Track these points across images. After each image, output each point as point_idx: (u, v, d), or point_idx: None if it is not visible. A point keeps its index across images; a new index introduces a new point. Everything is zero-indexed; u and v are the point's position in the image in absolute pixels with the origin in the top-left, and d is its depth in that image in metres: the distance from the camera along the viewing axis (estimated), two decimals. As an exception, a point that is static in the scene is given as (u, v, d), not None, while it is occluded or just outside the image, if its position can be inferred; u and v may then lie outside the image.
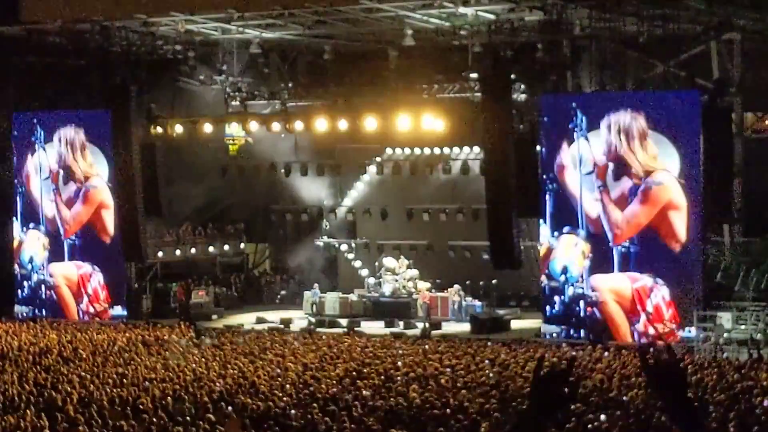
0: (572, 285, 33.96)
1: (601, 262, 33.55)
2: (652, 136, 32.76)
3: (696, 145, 32.45)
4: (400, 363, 27.11)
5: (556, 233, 34.21)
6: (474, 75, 36.75)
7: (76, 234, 40.86)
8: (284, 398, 21.62)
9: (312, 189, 43.47)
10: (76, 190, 40.83)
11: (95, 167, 40.39)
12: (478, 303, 39.49)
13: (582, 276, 33.82)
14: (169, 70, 40.88)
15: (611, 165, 33.33)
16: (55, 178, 41.16)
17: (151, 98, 40.27)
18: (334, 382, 24.11)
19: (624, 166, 33.17)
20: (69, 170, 40.84)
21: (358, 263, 44.09)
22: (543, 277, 34.64)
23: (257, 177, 43.35)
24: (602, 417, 19.21)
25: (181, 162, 41.75)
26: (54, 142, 41.03)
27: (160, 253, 42.50)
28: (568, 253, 34.03)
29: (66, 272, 41.19)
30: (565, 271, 34.10)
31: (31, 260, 41.89)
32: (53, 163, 41.12)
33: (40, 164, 41.43)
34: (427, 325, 37.04)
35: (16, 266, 42.01)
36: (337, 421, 19.01)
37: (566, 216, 34.05)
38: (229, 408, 20.43)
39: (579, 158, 33.77)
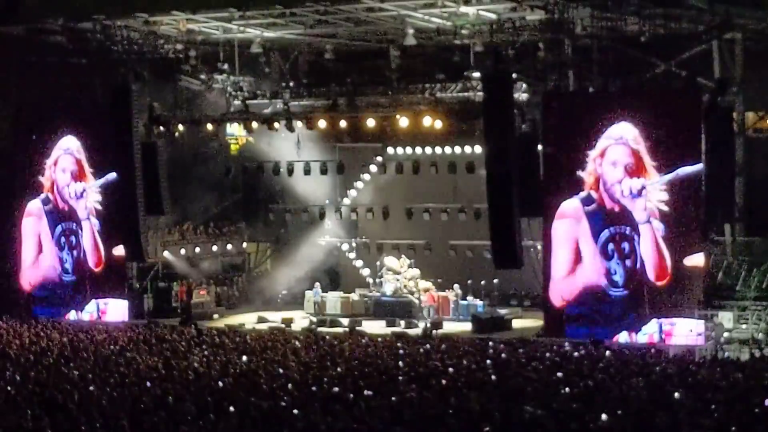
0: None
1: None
2: (651, 137, 32.80)
3: (697, 145, 32.41)
4: (401, 363, 27.10)
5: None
6: (476, 74, 36.72)
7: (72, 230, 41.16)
8: (286, 397, 21.61)
9: (313, 188, 43.43)
10: (71, 189, 40.94)
11: (89, 167, 40.53)
12: (479, 302, 39.49)
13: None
14: (171, 70, 40.86)
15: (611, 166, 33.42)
16: (51, 177, 41.24)
17: (152, 97, 40.25)
18: (336, 381, 24.11)
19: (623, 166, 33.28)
20: (65, 170, 40.90)
21: (359, 263, 44.10)
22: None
23: (258, 176, 43.36)
24: (603, 417, 19.20)
25: (182, 161, 41.73)
26: (52, 141, 41.07)
27: (162, 253, 42.50)
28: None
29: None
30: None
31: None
32: (51, 162, 41.18)
33: (38, 163, 41.47)
34: (428, 324, 37.03)
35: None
36: (339, 420, 19.01)
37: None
38: (231, 408, 20.43)
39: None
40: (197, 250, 44.25)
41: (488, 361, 27.31)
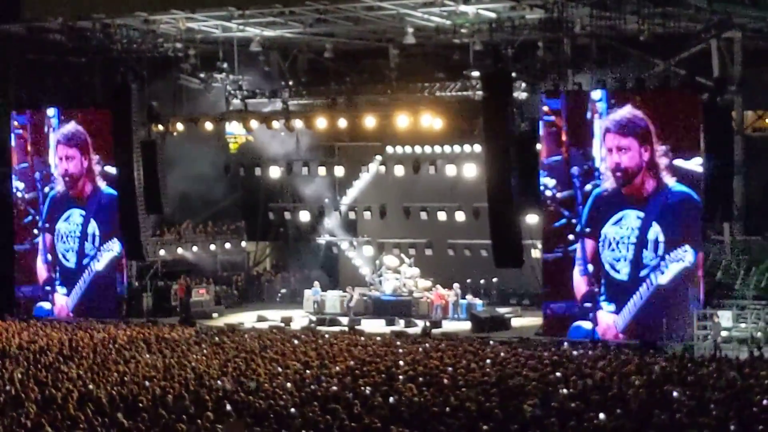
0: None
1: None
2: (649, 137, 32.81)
3: (696, 144, 32.42)
4: (401, 362, 27.10)
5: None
6: (475, 73, 36.75)
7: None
8: (285, 396, 21.62)
9: (312, 187, 43.44)
10: (70, 187, 41.02)
11: (89, 166, 40.53)
12: (478, 301, 39.50)
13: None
14: (170, 68, 40.90)
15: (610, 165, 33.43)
16: (49, 176, 41.29)
17: (152, 96, 40.24)
18: (335, 380, 24.12)
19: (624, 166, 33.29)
20: (66, 170, 40.94)
21: (358, 261, 44.10)
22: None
23: (258, 175, 43.32)
24: (601, 416, 19.21)
25: (182, 160, 41.74)
26: (52, 139, 41.06)
27: (161, 252, 42.50)
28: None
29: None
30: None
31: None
32: (51, 160, 41.19)
33: (38, 162, 41.48)
34: (427, 323, 37.03)
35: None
36: (338, 419, 19.02)
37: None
38: (228, 407, 20.43)
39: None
40: (196, 249, 44.25)
41: (487, 360, 27.32)
